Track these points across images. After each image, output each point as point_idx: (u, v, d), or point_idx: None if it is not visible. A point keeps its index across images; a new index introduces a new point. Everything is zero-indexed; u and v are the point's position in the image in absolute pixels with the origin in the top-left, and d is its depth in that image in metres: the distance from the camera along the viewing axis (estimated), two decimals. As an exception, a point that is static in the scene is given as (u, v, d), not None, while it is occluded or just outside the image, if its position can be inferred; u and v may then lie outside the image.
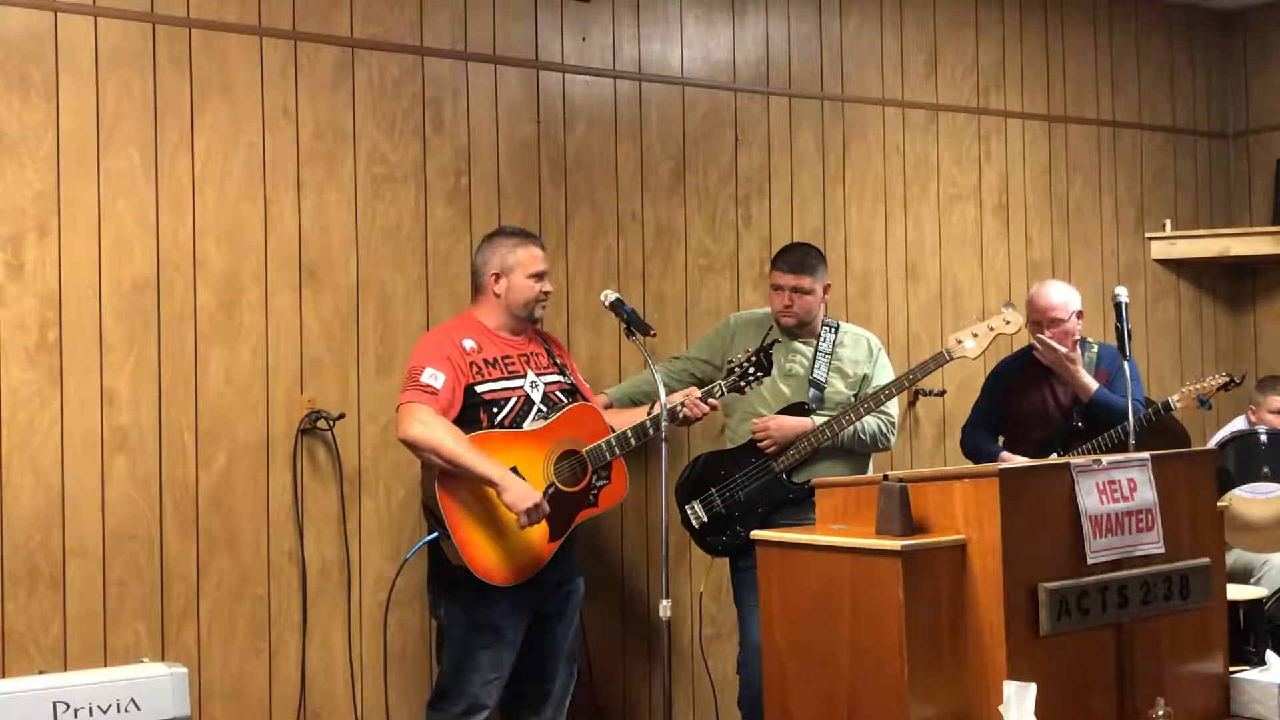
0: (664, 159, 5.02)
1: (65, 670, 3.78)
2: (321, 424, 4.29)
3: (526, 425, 3.95)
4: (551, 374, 4.09)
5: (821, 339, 4.50)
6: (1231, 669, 3.67)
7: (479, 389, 3.93)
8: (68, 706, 3.21)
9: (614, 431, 4.04)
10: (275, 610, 4.25)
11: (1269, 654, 3.80)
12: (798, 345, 4.50)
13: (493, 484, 3.79)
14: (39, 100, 3.94)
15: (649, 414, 4.07)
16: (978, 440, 5.01)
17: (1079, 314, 4.86)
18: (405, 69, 4.51)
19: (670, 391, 4.17)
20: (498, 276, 4.03)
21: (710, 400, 4.14)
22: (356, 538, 4.36)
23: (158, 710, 3.32)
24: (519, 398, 3.98)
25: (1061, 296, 4.82)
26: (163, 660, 3.87)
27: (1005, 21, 5.94)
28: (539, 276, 4.05)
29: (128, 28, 4.06)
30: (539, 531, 3.89)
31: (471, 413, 3.91)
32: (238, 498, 4.19)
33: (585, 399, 4.14)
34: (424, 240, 4.50)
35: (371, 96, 4.45)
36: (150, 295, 4.08)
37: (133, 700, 3.28)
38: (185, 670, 3.38)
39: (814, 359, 4.47)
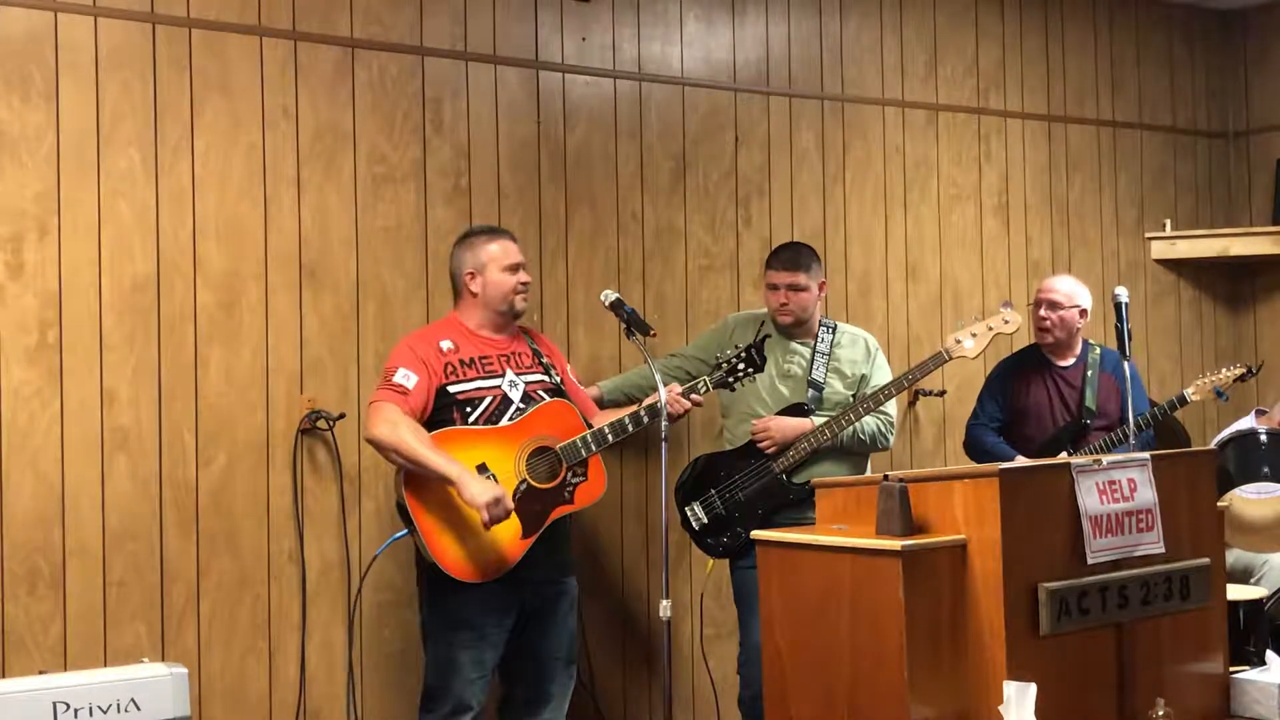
0: (664, 159, 5.01)
1: (65, 670, 3.78)
2: (321, 424, 4.29)
3: (502, 424, 3.94)
4: (535, 373, 4.05)
5: (819, 339, 4.50)
6: (1231, 669, 3.66)
7: (451, 389, 3.91)
8: (68, 706, 3.21)
9: (590, 428, 4.02)
10: (275, 610, 4.25)
11: (1269, 654, 3.80)
12: (795, 346, 4.50)
13: (450, 481, 3.78)
14: (39, 100, 3.94)
15: (640, 409, 4.05)
16: (986, 441, 4.97)
17: (1083, 312, 4.90)
18: (405, 69, 4.51)
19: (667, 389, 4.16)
20: (473, 275, 4.01)
21: (693, 396, 4.09)
22: (356, 538, 4.36)
23: (158, 710, 3.32)
24: (495, 397, 3.95)
25: (1068, 286, 4.96)
26: (163, 660, 3.87)
27: (1005, 21, 5.93)
28: (514, 268, 4.03)
29: (128, 28, 4.06)
30: (509, 529, 3.86)
31: (445, 413, 3.90)
32: (238, 498, 4.19)
33: (568, 398, 4.11)
34: (424, 240, 4.50)
35: (371, 96, 4.44)
36: (150, 295, 4.08)
37: (133, 700, 3.29)
38: (185, 670, 3.39)
39: (812, 359, 4.47)
